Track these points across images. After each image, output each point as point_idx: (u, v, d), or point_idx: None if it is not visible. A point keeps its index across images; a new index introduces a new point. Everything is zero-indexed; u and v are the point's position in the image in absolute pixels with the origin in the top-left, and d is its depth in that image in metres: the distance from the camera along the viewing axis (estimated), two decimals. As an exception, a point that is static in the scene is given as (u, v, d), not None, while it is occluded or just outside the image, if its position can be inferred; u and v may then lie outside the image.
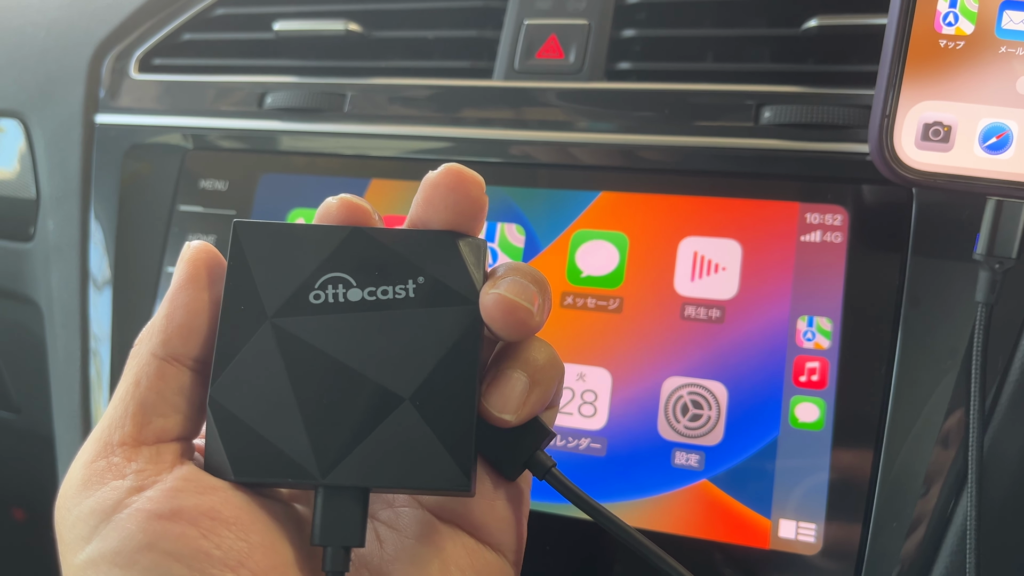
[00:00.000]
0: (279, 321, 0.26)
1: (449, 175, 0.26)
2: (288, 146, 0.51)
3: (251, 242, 0.26)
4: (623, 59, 0.47)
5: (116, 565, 0.22)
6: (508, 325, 0.25)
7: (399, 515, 0.28)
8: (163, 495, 0.23)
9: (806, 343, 0.40)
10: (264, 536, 0.24)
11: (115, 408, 0.25)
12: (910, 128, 0.36)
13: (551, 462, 0.28)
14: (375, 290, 0.26)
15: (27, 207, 0.58)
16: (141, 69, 0.57)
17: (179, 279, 0.26)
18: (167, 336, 0.25)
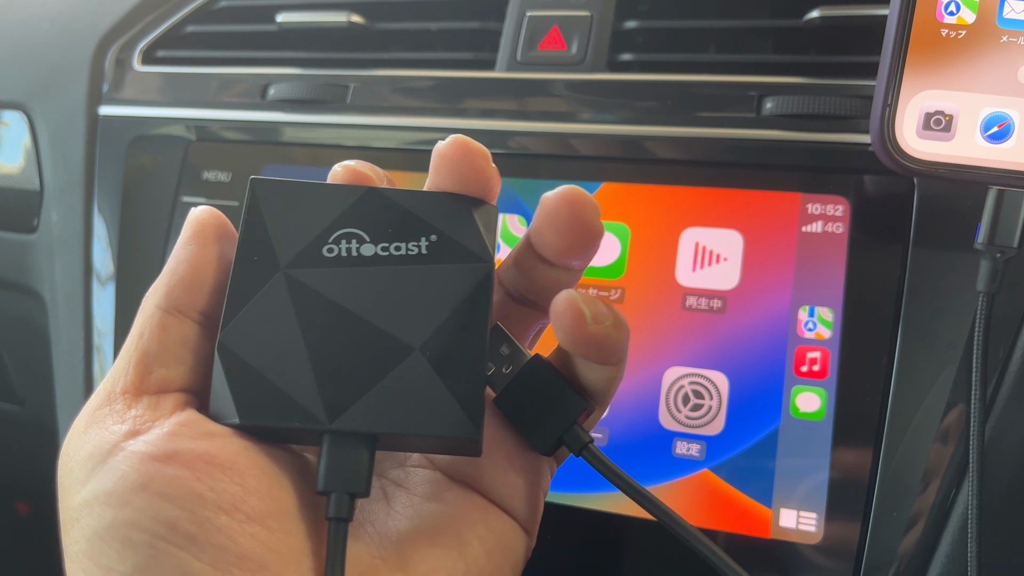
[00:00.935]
0: (292, 272, 0.26)
1: (454, 146, 0.27)
2: (291, 137, 0.51)
3: (267, 198, 0.27)
4: (625, 50, 0.47)
5: (109, 505, 0.22)
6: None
7: (409, 474, 0.28)
8: (159, 439, 0.23)
9: (807, 333, 0.40)
10: (261, 482, 0.23)
11: (120, 359, 0.25)
12: (911, 117, 0.36)
13: (588, 437, 0.27)
14: (388, 246, 0.26)
15: (31, 199, 0.58)
16: (144, 61, 0.57)
17: (184, 236, 0.26)
18: (170, 288, 0.25)
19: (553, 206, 0.26)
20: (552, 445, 0.27)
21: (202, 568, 0.21)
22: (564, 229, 0.26)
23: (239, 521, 0.22)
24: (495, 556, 0.26)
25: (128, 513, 0.22)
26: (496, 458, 0.27)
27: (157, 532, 0.21)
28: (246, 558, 0.22)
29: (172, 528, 0.21)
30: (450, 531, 0.26)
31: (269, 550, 0.22)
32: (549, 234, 0.27)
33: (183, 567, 0.21)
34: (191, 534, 0.21)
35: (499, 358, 0.27)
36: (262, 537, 0.22)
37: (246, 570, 0.22)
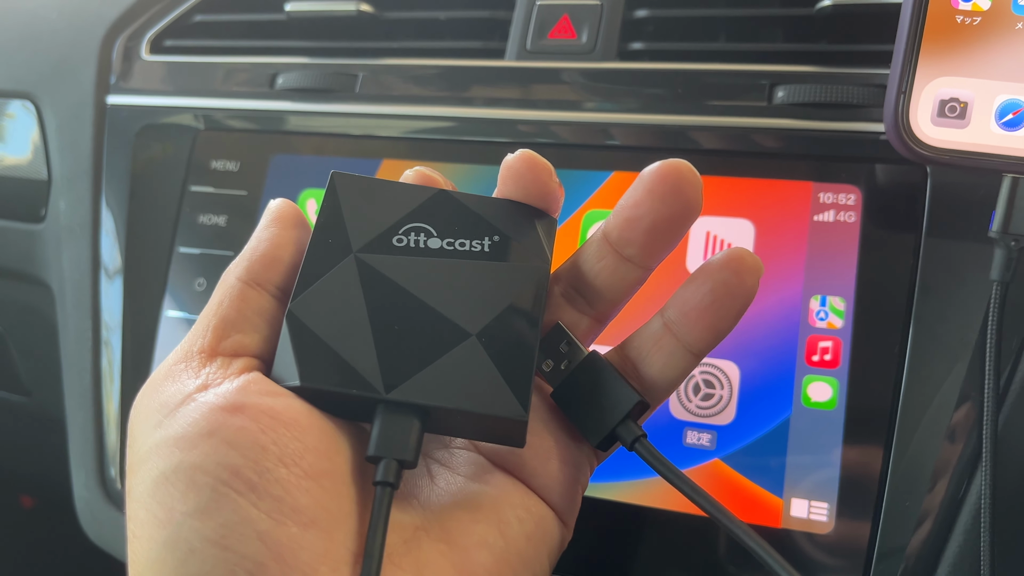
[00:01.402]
0: (362, 256, 0.28)
1: (520, 160, 0.29)
2: (299, 127, 0.51)
3: (345, 190, 0.29)
4: (636, 39, 0.47)
5: (178, 448, 0.23)
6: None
7: (454, 455, 0.29)
8: (228, 392, 0.24)
9: (819, 323, 0.40)
10: (320, 442, 0.25)
11: (199, 323, 0.27)
12: (926, 104, 0.35)
13: (641, 431, 0.28)
14: (453, 241, 0.28)
15: (39, 188, 0.58)
16: (152, 50, 0.57)
17: (265, 220, 0.29)
18: (251, 264, 0.27)
19: (657, 175, 0.27)
20: (605, 438, 0.28)
21: (259, 516, 0.22)
22: (669, 198, 0.27)
23: (296, 476, 0.23)
24: (533, 540, 0.27)
25: (195, 457, 0.23)
26: (540, 448, 0.28)
27: (220, 476, 0.23)
28: (300, 511, 0.23)
29: (235, 474, 0.23)
30: (492, 510, 0.27)
31: (321, 507, 0.23)
32: (647, 204, 0.27)
33: (241, 512, 0.22)
34: (252, 482, 0.23)
35: (558, 355, 0.29)
36: (316, 494, 0.23)
37: (299, 523, 0.23)
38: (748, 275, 0.27)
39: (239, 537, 0.22)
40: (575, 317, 0.30)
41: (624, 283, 0.29)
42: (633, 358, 0.29)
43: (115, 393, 0.52)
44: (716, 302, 0.28)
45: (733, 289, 0.27)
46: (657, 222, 0.28)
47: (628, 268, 0.29)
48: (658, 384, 0.29)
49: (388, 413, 0.25)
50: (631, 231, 0.28)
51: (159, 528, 0.23)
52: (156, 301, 0.51)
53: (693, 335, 0.28)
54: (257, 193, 0.50)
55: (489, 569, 0.25)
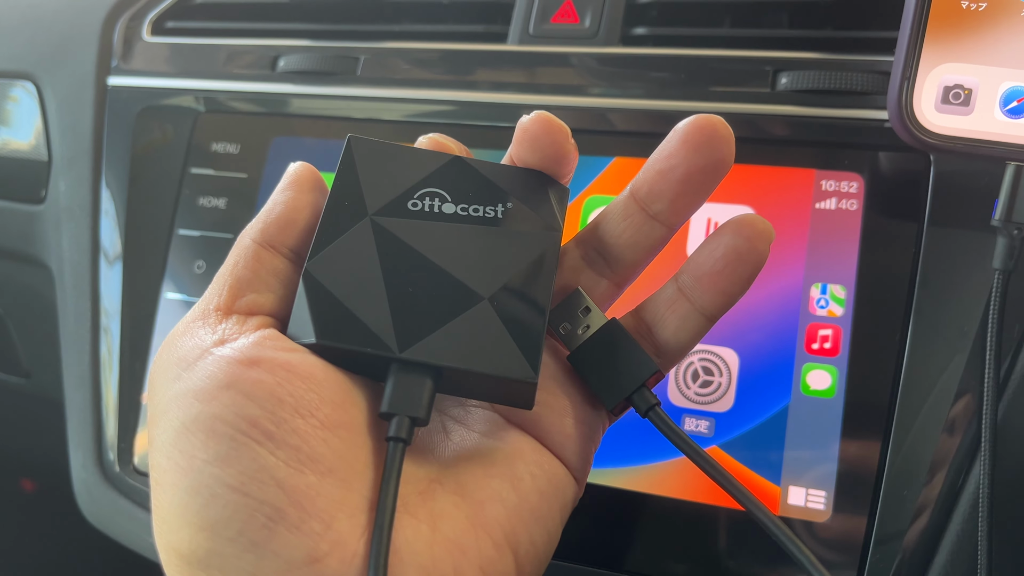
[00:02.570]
0: (378, 219, 0.28)
1: (536, 122, 0.29)
2: (300, 109, 0.51)
3: (362, 154, 0.30)
4: (639, 24, 0.47)
5: (198, 399, 0.24)
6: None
7: (469, 413, 0.29)
8: (244, 347, 0.25)
9: (819, 310, 0.39)
10: (336, 394, 0.25)
11: (214, 283, 0.28)
12: (930, 91, 0.35)
13: (655, 400, 0.28)
14: (467, 207, 0.29)
15: (39, 169, 0.58)
16: (154, 32, 0.57)
17: (282, 183, 0.29)
18: (266, 225, 0.28)
19: (692, 127, 0.28)
20: (620, 403, 0.29)
21: (276, 463, 0.23)
22: (704, 149, 0.28)
23: (313, 426, 0.24)
24: (546, 495, 0.28)
25: (214, 407, 0.24)
26: (555, 407, 0.29)
27: (239, 426, 0.23)
28: (317, 460, 0.24)
29: (253, 424, 0.23)
30: (505, 465, 0.27)
31: (338, 457, 0.24)
32: (682, 154, 0.28)
33: (260, 460, 0.23)
34: (269, 432, 0.23)
35: (576, 319, 0.29)
36: (333, 444, 0.24)
37: (316, 471, 0.24)
38: (759, 240, 0.28)
39: (258, 484, 0.23)
40: (593, 280, 0.31)
41: (648, 242, 0.30)
42: (648, 321, 0.30)
43: (114, 375, 0.52)
44: (728, 267, 0.28)
45: (744, 254, 0.28)
46: (691, 172, 0.28)
47: (653, 226, 0.30)
48: (671, 346, 0.30)
49: (401, 372, 0.26)
50: (663, 183, 0.29)
51: (181, 475, 0.23)
52: (155, 283, 0.51)
53: (706, 299, 0.29)
54: (257, 176, 0.50)
55: (502, 522, 0.26)
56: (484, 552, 0.25)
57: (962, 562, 0.36)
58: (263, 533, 0.23)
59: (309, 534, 0.23)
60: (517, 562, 0.26)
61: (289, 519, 0.23)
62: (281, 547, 0.23)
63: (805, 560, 0.26)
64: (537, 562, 0.27)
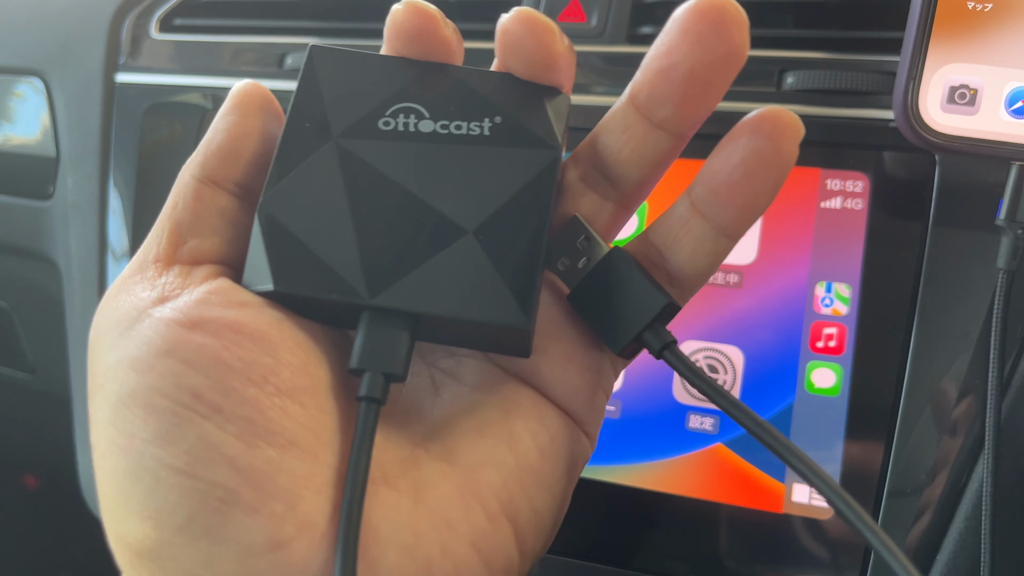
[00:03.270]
0: (344, 141, 0.24)
1: (516, 21, 0.24)
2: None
3: (325, 66, 0.25)
4: (646, 23, 0.47)
5: (134, 370, 0.21)
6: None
7: (460, 364, 0.26)
8: (186, 305, 0.22)
9: (824, 309, 0.40)
10: (295, 355, 0.22)
11: (153, 230, 0.24)
12: (936, 91, 0.35)
13: (670, 337, 0.24)
14: (448, 124, 0.25)
15: (47, 165, 0.58)
16: (162, 29, 0.57)
17: (224, 107, 0.25)
18: (206, 158, 0.24)
19: (694, 12, 0.22)
20: (630, 345, 0.25)
21: (226, 439, 0.20)
22: (709, 39, 0.22)
23: (268, 394, 0.21)
24: (548, 454, 0.24)
25: (152, 379, 0.20)
26: (556, 354, 0.25)
27: (181, 400, 0.20)
28: (275, 433, 0.21)
29: (196, 396, 0.20)
30: (501, 423, 0.24)
31: (301, 426, 0.21)
32: (683, 48, 0.22)
33: (207, 437, 0.20)
34: (216, 404, 0.20)
35: (575, 252, 0.25)
36: (294, 412, 0.21)
37: (275, 445, 0.21)
38: (785, 138, 0.23)
39: (206, 463, 0.20)
40: (596, 204, 0.26)
41: (655, 155, 0.25)
42: (658, 245, 0.25)
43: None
44: (749, 174, 0.23)
45: (768, 157, 0.23)
46: (696, 69, 0.23)
47: (659, 136, 0.24)
48: (687, 273, 0.25)
49: (373, 321, 0.23)
50: (664, 84, 0.23)
51: (121, 457, 0.21)
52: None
53: (725, 214, 0.24)
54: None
55: (496, 489, 0.23)
56: (476, 525, 0.22)
57: (965, 560, 0.36)
58: (216, 519, 0.20)
59: (270, 517, 0.20)
60: (517, 533, 0.23)
61: (245, 501, 0.20)
62: (238, 533, 0.20)
63: (859, 521, 0.22)
64: (541, 531, 0.24)
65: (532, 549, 0.24)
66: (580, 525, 0.41)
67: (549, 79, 0.25)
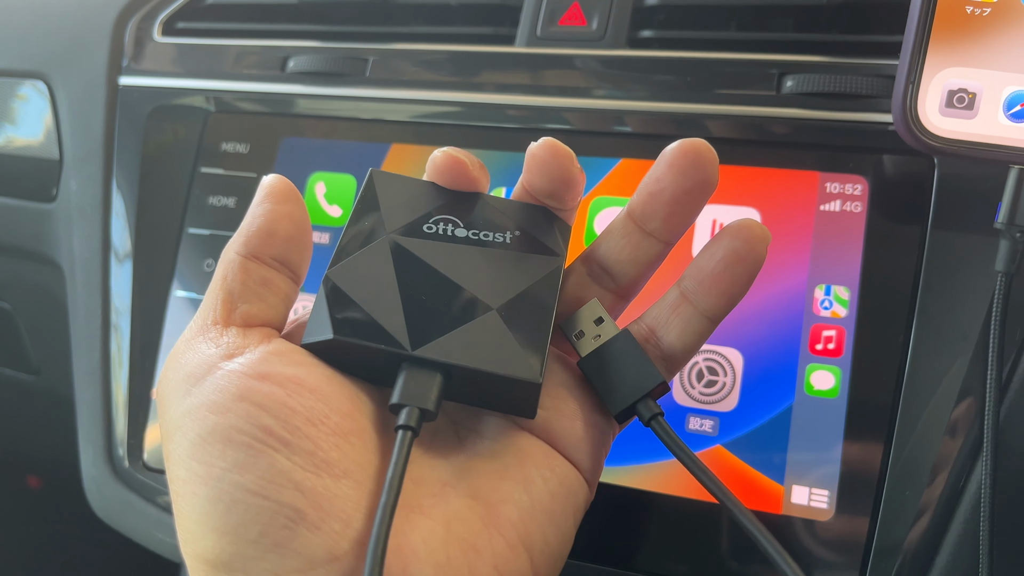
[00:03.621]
0: (395, 237, 0.30)
1: (544, 148, 0.31)
2: (309, 110, 0.51)
3: (382, 185, 0.32)
4: (646, 27, 0.47)
5: (212, 412, 0.25)
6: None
7: (481, 421, 0.30)
8: (252, 362, 0.26)
9: (823, 311, 0.40)
10: (343, 404, 0.26)
11: (207, 300, 0.28)
12: (934, 95, 0.35)
13: (658, 410, 0.29)
14: (478, 232, 0.31)
15: (50, 168, 0.58)
16: (165, 32, 0.57)
17: (259, 196, 0.30)
18: (248, 238, 0.29)
19: (677, 152, 0.30)
20: (625, 410, 0.30)
21: (293, 467, 0.24)
22: (689, 171, 0.30)
23: (325, 433, 0.25)
24: (558, 497, 0.28)
25: (229, 419, 0.25)
26: (565, 411, 0.30)
27: (255, 435, 0.24)
28: (332, 464, 0.25)
29: (268, 432, 0.24)
30: (517, 468, 0.28)
31: (351, 461, 0.25)
32: (669, 177, 0.30)
33: (277, 464, 0.24)
34: (284, 439, 0.24)
35: (590, 329, 0.31)
36: (345, 449, 0.25)
37: (332, 475, 0.25)
38: (757, 243, 0.29)
39: (278, 487, 0.24)
40: (600, 294, 0.32)
41: (646, 257, 0.32)
42: (652, 326, 0.31)
43: (124, 372, 0.52)
44: (728, 268, 0.30)
45: (744, 256, 0.29)
46: (678, 194, 0.30)
47: (650, 243, 0.31)
48: (677, 350, 0.31)
49: (412, 368, 0.27)
50: (654, 204, 0.30)
51: (201, 484, 0.24)
52: (165, 281, 0.52)
53: (708, 301, 0.30)
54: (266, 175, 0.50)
55: (515, 523, 0.27)
56: (498, 551, 0.26)
57: (964, 562, 0.36)
58: (285, 533, 0.24)
59: (329, 533, 0.24)
60: (532, 561, 0.27)
61: (309, 519, 0.24)
62: (303, 546, 0.24)
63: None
64: (552, 561, 0.28)
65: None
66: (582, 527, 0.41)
67: (563, 193, 0.32)
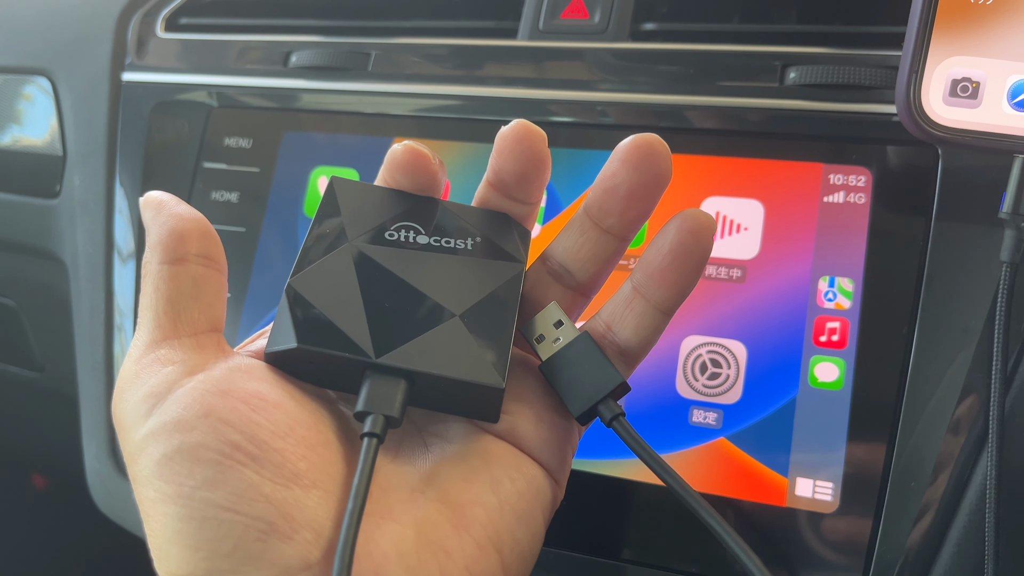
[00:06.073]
0: (357, 244, 0.30)
1: (517, 129, 0.30)
2: (312, 104, 0.51)
3: (343, 192, 0.32)
4: (648, 19, 0.47)
5: (177, 431, 0.25)
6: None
7: (447, 426, 0.30)
8: (214, 378, 0.26)
9: (827, 303, 0.40)
10: (307, 417, 0.27)
11: (144, 315, 0.28)
12: (938, 84, 0.35)
13: (619, 410, 0.30)
14: (440, 239, 0.31)
15: (54, 164, 0.58)
16: (168, 28, 0.57)
17: (151, 211, 0.29)
18: (163, 245, 0.28)
19: (629, 148, 0.30)
20: (587, 412, 0.30)
21: (263, 481, 0.24)
22: (642, 166, 0.30)
23: (292, 445, 0.25)
24: (526, 496, 0.29)
25: (195, 436, 0.24)
26: (529, 414, 0.30)
27: (223, 451, 0.24)
28: (300, 475, 0.25)
29: (236, 448, 0.24)
30: (484, 471, 0.28)
31: (320, 471, 0.26)
32: (623, 173, 0.30)
33: (247, 479, 0.24)
34: (253, 454, 0.24)
35: (550, 331, 0.31)
36: (313, 460, 0.26)
37: (301, 486, 0.25)
38: (702, 233, 0.29)
39: (248, 501, 0.24)
40: (560, 292, 0.32)
41: (604, 254, 0.32)
42: (608, 322, 0.31)
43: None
44: (675, 262, 0.30)
45: (690, 248, 0.29)
46: (632, 189, 0.30)
47: (607, 239, 0.31)
48: (633, 345, 0.31)
49: (377, 375, 0.27)
50: (610, 200, 0.30)
51: (171, 504, 0.24)
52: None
53: (659, 294, 0.30)
54: (269, 170, 0.50)
55: (484, 524, 0.27)
56: (469, 552, 0.27)
57: (969, 553, 0.36)
58: (258, 546, 0.24)
59: (301, 543, 0.24)
60: (503, 561, 0.28)
61: (281, 531, 0.24)
62: (276, 557, 0.24)
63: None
64: (522, 560, 0.28)
65: (517, 574, 0.29)
66: (585, 520, 0.41)
67: (534, 176, 0.31)
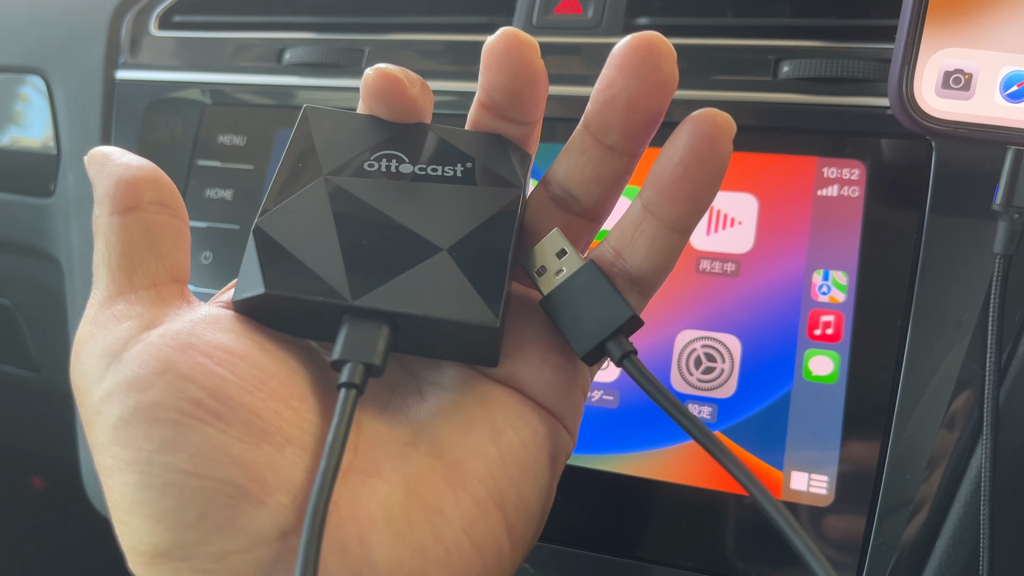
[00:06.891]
0: (332, 177, 0.27)
1: (503, 38, 0.26)
2: (306, 101, 0.51)
3: (317, 122, 0.28)
4: (642, 14, 0.47)
5: (132, 390, 0.22)
6: None
7: (443, 372, 0.27)
8: (173, 332, 0.23)
9: (821, 296, 0.40)
10: (280, 369, 0.24)
11: (97, 272, 0.25)
12: (931, 75, 0.35)
13: (631, 347, 0.26)
14: (426, 167, 0.27)
15: (48, 162, 0.58)
16: (161, 26, 0.57)
17: (98, 165, 0.26)
18: (112, 195, 0.25)
19: (627, 50, 0.25)
20: (593, 351, 0.26)
21: (229, 440, 0.22)
22: (642, 72, 0.25)
23: (262, 400, 0.23)
24: (531, 446, 0.26)
25: (152, 395, 0.22)
26: (532, 356, 0.27)
27: (183, 409, 0.22)
28: (273, 432, 0.22)
29: (198, 405, 0.22)
30: (484, 420, 0.26)
31: (294, 427, 0.23)
32: (620, 81, 0.26)
33: (211, 440, 0.21)
34: (217, 411, 0.22)
35: (553, 262, 0.27)
36: (286, 415, 0.23)
37: (273, 444, 0.22)
38: (719, 137, 0.25)
39: (213, 463, 0.21)
40: (567, 219, 0.28)
41: (611, 173, 0.28)
42: (617, 247, 0.27)
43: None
44: (689, 171, 0.25)
45: (705, 155, 0.25)
46: (633, 99, 0.26)
47: (613, 157, 0.27)
48: (646, 271, 0.27)
49: (355, 320, 0.25)
50: (608, 114, 0.26)
51: (128, 471, 0.22)
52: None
53: (673, 211, 0.26)
54: (263, 167, 0.50)
55: (483, 479, 0.24)
56: (465, 512, 0.24)
57: (964, 545, 0.36)
58: (227, 513, 0.21)
59: (276, 507, 0.22)
60: (506, 520, 0.25)
61: (252, 494, 0.21)
62: (248, 524, 0.21)
63: (789, 529, 0.23)
64: (530, 519, 0.26)
65: (522, 536, 0.25)
66: (580, 515, 0.41)
67: (527, 94, 0.27)
